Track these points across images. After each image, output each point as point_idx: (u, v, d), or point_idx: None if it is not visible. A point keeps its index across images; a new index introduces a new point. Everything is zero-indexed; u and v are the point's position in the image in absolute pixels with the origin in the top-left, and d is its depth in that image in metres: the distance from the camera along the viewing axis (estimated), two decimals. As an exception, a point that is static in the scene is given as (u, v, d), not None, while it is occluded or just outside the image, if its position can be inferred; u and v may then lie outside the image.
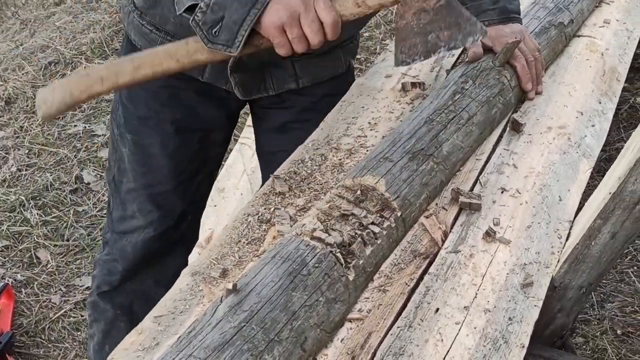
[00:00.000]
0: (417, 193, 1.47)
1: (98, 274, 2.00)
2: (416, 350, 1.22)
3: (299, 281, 1.21)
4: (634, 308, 2.47)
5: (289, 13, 1.36)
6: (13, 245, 2.86)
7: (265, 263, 1.24)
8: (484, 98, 1.71)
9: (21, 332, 2.52)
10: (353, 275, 1.28)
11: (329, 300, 1.23)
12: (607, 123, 1.87)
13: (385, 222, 1.38)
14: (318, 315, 1.21)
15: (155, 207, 1.87)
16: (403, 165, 1.48)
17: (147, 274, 1.95)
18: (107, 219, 1.98)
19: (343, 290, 1.26)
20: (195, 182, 1.91)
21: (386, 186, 1.41)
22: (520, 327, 1.29)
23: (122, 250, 1.93)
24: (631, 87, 3.40)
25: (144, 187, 1.85)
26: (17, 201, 3.05)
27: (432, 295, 1.33)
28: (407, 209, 1.44)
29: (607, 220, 1.42)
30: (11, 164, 3.30)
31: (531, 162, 1.66)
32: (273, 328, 1.14)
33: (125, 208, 1.89)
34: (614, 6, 2.34)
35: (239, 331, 1.11)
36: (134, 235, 1.90)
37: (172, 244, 1.95)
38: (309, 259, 1.24)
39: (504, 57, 1.76)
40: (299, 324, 1.18)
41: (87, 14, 4.45)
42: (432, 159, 1.53)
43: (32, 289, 2.68)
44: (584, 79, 1.97)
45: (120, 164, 1.87)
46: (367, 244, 1.33)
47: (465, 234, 1.46)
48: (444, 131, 1.60)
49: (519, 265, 1.40)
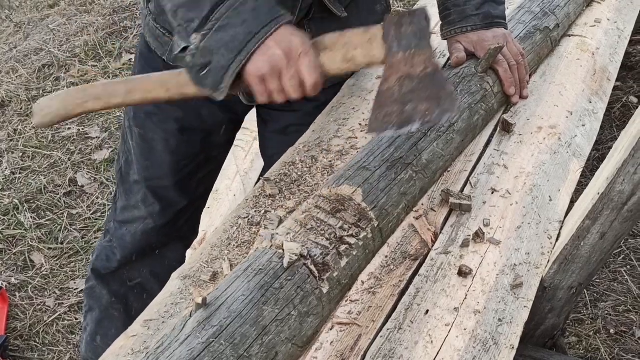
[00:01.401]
0: (395, 202, 1.44)
1: (96, 258, 2.07)
2: (406, 352, 1.22)
3: (270, 294, 1.17)
4: (627, 307, 2.48)
5: (270, 66, 1.36)
6: (7, 248, 2.85)
7: (237, 276, 1.20)
8: (466, 105, 1.69)
9: (15, 336, 2.52)
10: (327, 288, 1.25)
11: (301, 314, 1.20)
12: (597, 123, 1.88)
13: (362, 233, 1.34)
14: (290, 330, 1.18)
15: (156, 199, 1.92)
16: (381, 175, 1.44)
17: (144, 264, 2.02)
18: (112, 209, 2.06)
19: (316, 303, 1.23)
20: (195, 180, 1.95)
21: (363, 196, 1.38)
22: (510, 328, 1.29)
23: (121, 239, 1.99)
24: (624, 86, 3.41)
25: (146, 179, 1.91)
26: (11, 204, 3.05)
27: (422, 297, 1.33)
28: (384, 219, 1.40)
29: (596, 221, 1.42)
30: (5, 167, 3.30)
31: (521, 162, 1.66)
32: (243, 343, 1.11)
33: (130, 198, 1.95)
34: (605, 5, 2.34)
35: (207, 347, 1.08)
36: (134, 225, 1.97)
37: (170, 238, 2.00)
38: (282, 272, 1.21)
39: (487, 63, 1.74)
40: (270, 338, 1.14)
41: (81, 17, 4.44)
42: (411, 167, 1.50)
43: (27, 292, 2.68)
44: (574, 78, 1.97)
45: (128, 156, 1.93)
46: (342, 256, 1.29)
47: (456, 235, 1.46)
48: (424, 139, 1.56)
49: (509, 266, 1.41)
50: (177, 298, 1.34)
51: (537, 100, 1.86)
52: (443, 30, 1.83)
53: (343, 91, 1.92)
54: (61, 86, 3.83)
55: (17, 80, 3.91)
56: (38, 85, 3.87)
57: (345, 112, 1.83)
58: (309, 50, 1.37)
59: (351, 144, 1.70)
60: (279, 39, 1.35)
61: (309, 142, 1.72)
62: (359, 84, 1.95)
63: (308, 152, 1.68)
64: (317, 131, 1.76)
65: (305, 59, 1.37)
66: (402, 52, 1.34)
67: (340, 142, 1.70)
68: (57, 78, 3.91)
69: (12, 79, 3.91)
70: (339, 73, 1.44)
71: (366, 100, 1.87)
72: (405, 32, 1.34)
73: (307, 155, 1.67)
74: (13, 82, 3.89)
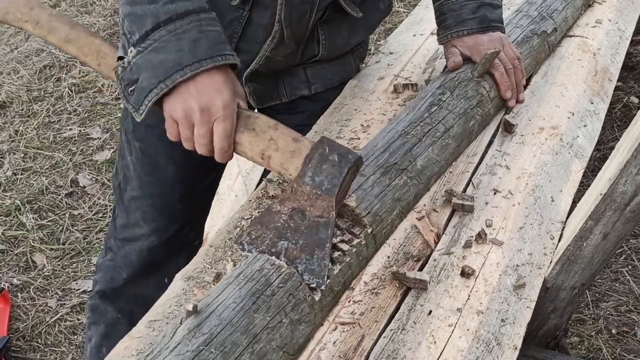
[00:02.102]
0: (389, 209, 1.43)
1: (101, 278, 1.99)
2: (409, 353, 1.22)
3: (262, 302, 1.17)
4: (628, 307, 2.48)
5: (184, 115, 1.29)
6: (9, 249, 2.86)
7: (228, 283, 1.19)
8: (462, 110, 1.68)
9: (18, 337, 2.52)
10: (319, 296, 1.24)
11: (293, 322, 1.19)
12: (599, 123, 1.88)
13: (355, 240, 1.33)
14: (281, 337, 1.17)
15: (159, 215, 1.86)
16: (375, 180, 1.43)
17: (151, 279, 1.94)
18: (111, 225, 1.98)
19: (308, 310, 1.22)
20: (200, 189, 1.90)
21: (357, 202, 1.37)
22: (512, 328, 1.29)
23: (126, 258, 1.92)
24: (625, 86, 3.41)
25: (150, 195, 1.84)
26: (13, 205, 3.06)
27: (425, 298, 1.33)
28: (378, 225, 1.39)
29: (599, 221, 1.42)
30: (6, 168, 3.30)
31: (523, 163, 1.67)
32: (233, 351, 1.10)
33: (129, 216, 1.88)
34: (606, 6, 2.35)
35: (197, 355, 1.07)
36: (138, 243, 1.89)
37: (177, 249, 1.94)
38: (274, 279, 1.20)
39: (483, 67, 1.73)
40: (261, 346, 1.13)
41: (82, 17, 4.44)
42: (405, 173, 1.49)
43: (29, 293, 2.68)
44: (575, 79, 1.98)
45: (126, 172, 1.86)
46: (335, 262, 1.28)
47: (458, 235, 1.47)
48: (419, 144, 1.55)
49: (512, 267, 1.41)
50: (181, 299, 1.35)
51: (539, 100, 1.87)
52: (439, 34, 1.82)
53: (345, 92, 1.92)
54: (62, 87, 3.83)
55: (18, 81, 3.91)
56: (39, 86, 3.87)
57: (347, 112, 1.83)
58: (227, 118, 1.29)
59: (353, 145, 1.71)
60: (202, 89, 1.27)
61: (311, 143, 1.72)
62: (362, 84, 1.95)
63: (310, 153, 1.69)
64: (319, 132, 1.77)
65: (219, 127, 1.29)
66: (311, 187, 1.25)
67: (342, 143, 1.70)
68: (59, 79, 3.92)
69: (14, 80, 3.92)
70: (248, 159, 1.36)
71: (368, 101, 1.88)
72: (325, 169, 1.24)
73: (310, 156, 1.67)
74: (14, 83, 3.89)
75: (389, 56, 2.11)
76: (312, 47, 1.72)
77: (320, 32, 1.64)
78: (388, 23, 4.13)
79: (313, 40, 1.71)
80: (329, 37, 1.67)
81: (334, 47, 1.74)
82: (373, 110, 1.83)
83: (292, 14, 1.60)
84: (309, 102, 1.85)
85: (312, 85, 1.82)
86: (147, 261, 1.91)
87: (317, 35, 1.67)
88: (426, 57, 2.07)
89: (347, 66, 1.89)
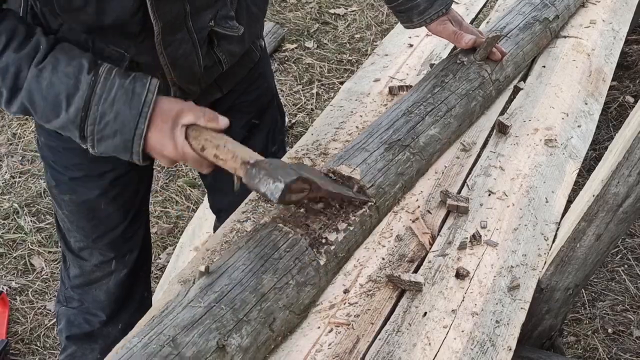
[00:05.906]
0: (392, 182, 1.51)
1: (68, 326, 1.93)
2: (404, 355, 1.23)
3: (269, 264, 1.25)
4: (624, 306, 2.49)
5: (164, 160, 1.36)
6: (7, 252, 2.86)
7: (238, 247, 1.28)
8: (464, 91, 1.75)
9: (16, 340, 2.53)
10: (324, 260, 1.33)
11: (299, 284, 1.27)
12: (593, 124, 1.89)
13: (359, 210, 1.42)
14: (287, 298, 1.25)
15: (116, 252, 1.82)
16: (379, 155, 1.52)
17: (131, 306, 1.91)
18: (64, 275, 1.90)
19: (314, 274, 1.30)
20: (143, 207, 1.87)
21: (361, 175, 1.46)
22: (507, 329, 1.30)
23: (95, 301, 1.87)
24: (620, 86, 3.42)
25: (99, 238, 1.79)
26: (11, 208, 3.06)
27: (420, 299, 1.34)
28: (381, 197, 1.48)
29: (592, 223, 1.43)
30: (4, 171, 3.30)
31: (518, 164, 1.68)
32: (242, 309, 1.18)
33: (83, 265, 1.83)
34: (600, 6, 2.36)
35: (209, 311, 1.15)
36: (103, 284, 1.85)
37: (144, 270, 1.93)
38: (281, 244, 1.29)
39: (484, 51, 1.81)
40: (268, 305, 1.21)
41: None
42: (408, 149, 1.57)
43: (27, 296, 2.68)
44: (570, 80, 1.99)
45: (63, 224, 1.81)
46: (339, 231, 1.37)
47: (453, 237, 1.48)
48: (422, 123, 1.63)
49: (506, 268, 1.42)
50: (178, 302, 1.35)
51: (533, 102, 1.88)
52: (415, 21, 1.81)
53: (340, 94, 1.93)
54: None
55: (15, 84, 3.91)
56: (36, 89, 3.86)
57: (342, 115, 1.84)
58: (185, 154, 1.33)
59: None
60: (154, 146, 1.33)
61: (307, 145, 1.73)
62: (357, 86, 1.96)
63: (306, 155, 1.70)
64: (314, 134, 1.77)
65: (187, 159, 1.35)
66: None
67: (338, 145, 1.72)
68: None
69: (11, 83, 3.91)
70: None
71: (363, 103, 1.89)
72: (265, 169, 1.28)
73: (305, 159, 1.68)
74: (11, 86, 3.89)
75: (384, 58, 2.11)
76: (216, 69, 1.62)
77: (219, 53, 1.57)
78: (384, 24, 4.14)
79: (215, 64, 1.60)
80: (227, 50, 1.58)
81: (234, 56, 1.64)
82: (368, 112, 1.84)
83: (181, 74, 1.52)
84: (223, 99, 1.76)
85: (223, 88, 1.73)
86: (119, 294, 1.87)
87: (215, 57, 1.58)
88: (421, 59, 2.08)
89: (250, 54, 1.76)
